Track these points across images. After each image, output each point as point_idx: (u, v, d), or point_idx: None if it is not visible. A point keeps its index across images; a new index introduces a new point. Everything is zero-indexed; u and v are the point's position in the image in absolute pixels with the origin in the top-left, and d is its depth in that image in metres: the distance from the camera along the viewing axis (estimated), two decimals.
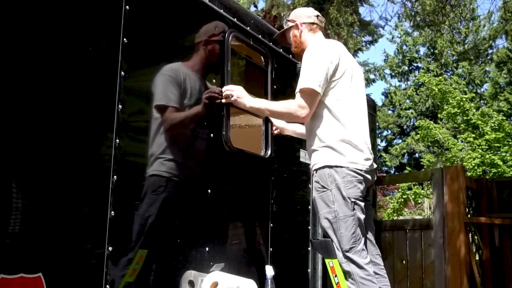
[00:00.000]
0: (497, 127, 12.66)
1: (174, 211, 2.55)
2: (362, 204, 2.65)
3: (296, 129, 3.29)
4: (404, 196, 12.84)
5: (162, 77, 2.58)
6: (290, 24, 3.04)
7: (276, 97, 3.33)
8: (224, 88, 2.92)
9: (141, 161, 2.42)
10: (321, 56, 2.72)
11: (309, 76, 2.69)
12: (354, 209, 2.59)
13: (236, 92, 2.89)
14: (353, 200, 2.60)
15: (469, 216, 5.74)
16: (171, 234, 2.51)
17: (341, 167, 2.62)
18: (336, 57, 2.74)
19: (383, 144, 25.39)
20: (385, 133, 25.51)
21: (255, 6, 9.65)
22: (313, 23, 3.04)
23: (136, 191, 2.36)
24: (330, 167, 2.63)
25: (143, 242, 2.34)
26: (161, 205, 2.45)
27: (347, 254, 2.54)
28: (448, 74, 24.17)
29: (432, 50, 24.89)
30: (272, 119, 3.29)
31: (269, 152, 3.32)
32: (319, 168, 2.67)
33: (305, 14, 3.08)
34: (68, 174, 2.04)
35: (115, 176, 2.19)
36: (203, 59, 2.86)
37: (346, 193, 2.59)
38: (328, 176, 2.63)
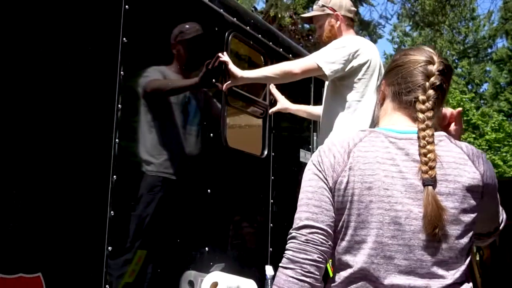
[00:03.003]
0: (497, 127, 12.68)
1: (173, 211, 2.55)
2: None
3: (300, 108, 3.28)
4: None
5: (162, 76, 2.58)
6: (329, 11, 2.93)
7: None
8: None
9: (141, 161, 2.42)
10: (350, 47, 2.71)
11: (328, 55, 2.69)
12: None
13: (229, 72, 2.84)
14: None
15: None
16: (171, 234, 2.51)
17: None
18: (366, 55, 2.72)
19: None
20: None
21: (255, 8, 9.65)
22: (351, 19, 2.99)
23: (136, 191, 2.36)
24: None
25: (143, 242, 2.34)
26: (160, 205, 2.45)
27: None
28: None
29: None
30: (276, 95, 3.25)
31: (266, 152, 3.31)
32: None
33: (346, 7, 2.96)
34: (68, 174, 2.04)
35: (114, 176, 2.19)
36: (203, 58, 2.86)
37: None
38: None
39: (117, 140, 2.22)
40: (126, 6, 2.32)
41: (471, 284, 1.33)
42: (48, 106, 2.00)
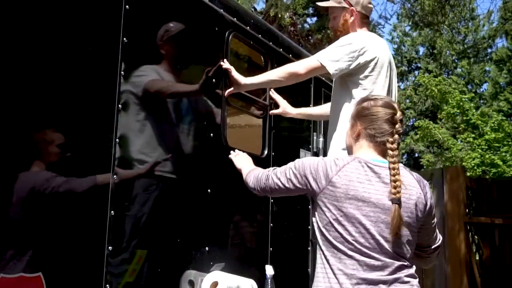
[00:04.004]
0: (496, 127, 12.65)
1: (173, 210, 2.55)
2: None
3: (301, 112, 3.27)
4: None
5: (162, 76, 2.58)
6: (345, 5, 2.88)
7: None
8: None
9: (141, 161, 2.42)
10: (355, 44, 2.68)
11: (332, 53, 2.68)
12: None
13: (232, 79, 2.84)
14: None
15: (469, 216, 5.74)
16: (171, 233, 2.51)
17: None
18: (373, 53, 2.69)
19: None
20: None
21: (254, 9, 9.64)
22: (367, 17, 2.94)
23: (136, 190, 2.36)
24: None
25: (143, 242, 2.34)
26: (160, 204, 2.45)
27: None
28: (447, 74, 24.18)
29: (431, 50, 24.90)
30: (277, 99, 3.25)
31: (266, 151, 3.31)
32: None
33: (363, 4, 2.90)
34: (68, 173, 2.04)
35: (115, 176, 2.19)
36: (203, 58, 2.86)
37: None
38: None
39: (117, 140, 2.22)
40: (126, 6, 2.32)
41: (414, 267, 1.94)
42: (48, 106, 2.01)
